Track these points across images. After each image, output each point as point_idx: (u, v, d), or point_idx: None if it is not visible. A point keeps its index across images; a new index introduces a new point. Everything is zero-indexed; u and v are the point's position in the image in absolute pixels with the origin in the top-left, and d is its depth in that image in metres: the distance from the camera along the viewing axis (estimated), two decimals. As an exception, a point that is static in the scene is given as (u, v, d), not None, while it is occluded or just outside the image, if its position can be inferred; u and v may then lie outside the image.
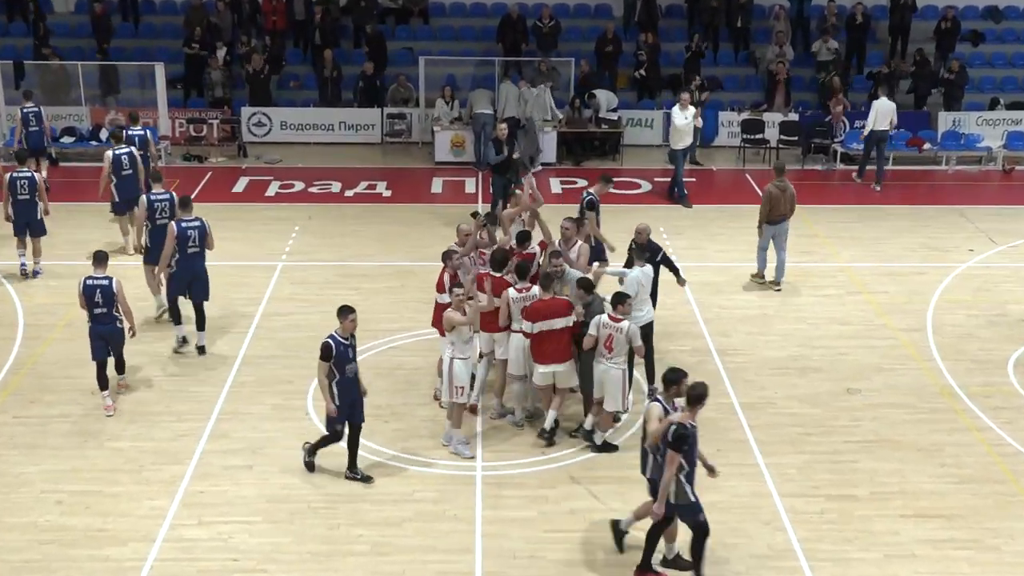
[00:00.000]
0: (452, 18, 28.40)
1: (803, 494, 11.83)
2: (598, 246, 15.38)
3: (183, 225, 14.45)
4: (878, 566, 10.72)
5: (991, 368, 14.80)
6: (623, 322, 12.02)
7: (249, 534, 11.03)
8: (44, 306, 16.27)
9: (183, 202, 14.90)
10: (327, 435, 11.88)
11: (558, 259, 13.11)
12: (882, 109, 22.54)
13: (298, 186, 22.48)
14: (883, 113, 22.54)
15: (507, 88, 23.75)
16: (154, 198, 15.53)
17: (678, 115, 21.29)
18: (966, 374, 14.60)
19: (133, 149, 17.98)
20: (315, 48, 26.22)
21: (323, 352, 11.42)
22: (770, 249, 17.21)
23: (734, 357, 14.90)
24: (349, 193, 22.18)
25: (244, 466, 12.20)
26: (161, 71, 24.47)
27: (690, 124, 21.41)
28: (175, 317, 14.92)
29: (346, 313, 11.48)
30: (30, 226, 17.20)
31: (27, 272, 17.29)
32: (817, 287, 17.42)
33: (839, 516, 11.46)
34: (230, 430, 12.95)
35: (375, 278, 17.48)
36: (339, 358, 11.46)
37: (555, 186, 22.65)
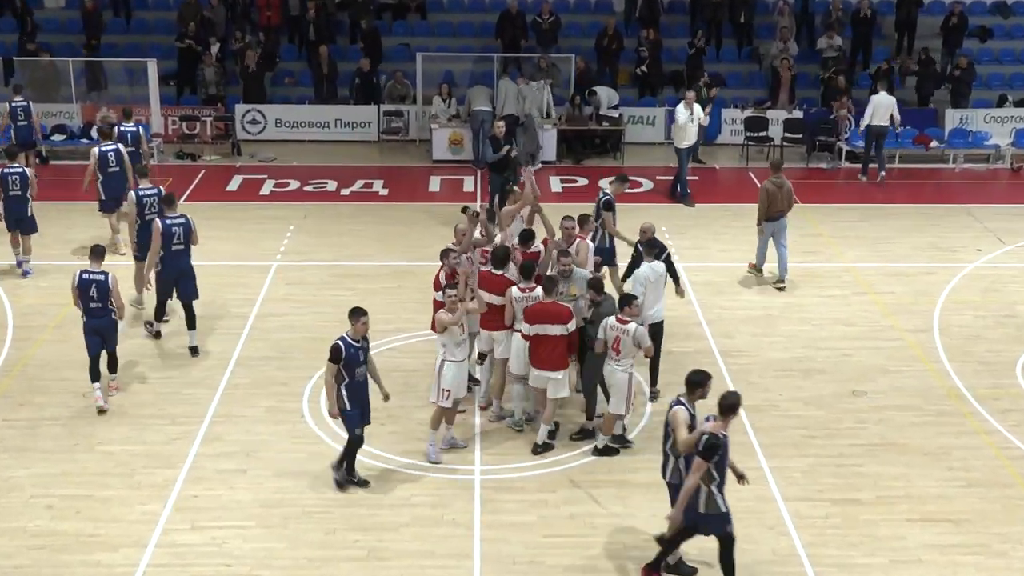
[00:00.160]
0: (450, 13, 28.39)
1: (807, 498, 11.84)
2: (611, 248, 15.40)
3: (168, 222, 14.57)
4: (884, 571, 10.72)
5: (999, 370, 14.80)
6: (630, 324, 11.99)
7: (243, 539, 11.03)
8: (34, 307, 16.26)
9: (167, 199, 15.07)
10: (348, 443, 11.73)
11: (567, 258, 13.11)
12: (880, 104, 22.55)
13: (293, 185, 22.48)
14: (882, 108, 22.54)
15: (506, 85, 23.72)
16: (142, 193, 15.72)
17: (682, 113, 21.29)
18: (974, 376, 14.60)
19: (120, 146, 17.97)
20: (310, 44, 26.22)
21: (332, 354, 11.35)
22: (770, 247, 17.22)
23: (737, 359, 14.90)
24: (345, 192, 22.18)
25: (238, 470, 12.20)
26: (153, 67, 24.49)
27: (694, 122, 21.40)
28: (159, 314, 15.17)
29: (358, 315, 11.41)
30: (21, 223, 17.26)
31: (27, 270, 17.41)
32: (822, 287, 17.42)
33: (844, 521, 11.46)
34: (224, 433, 12.95)
35: (371, 278, 17.48)
36: (349, 361, 11.38)
37: (555, 185, 22.65)
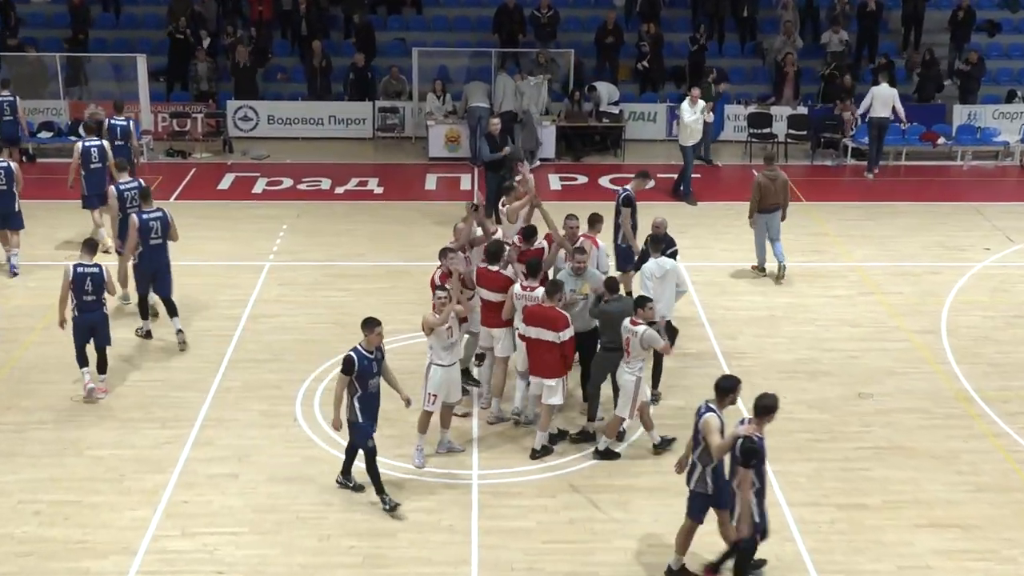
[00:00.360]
0: (446, 8, 28.41)
1: (812, 503, 11.84)
2: (629, 248, 15.42)
3: (144, 216, 14.79)
4: (891, 578, 10.75)
5: (1009, 371, 14.82)
6: (640, 326, 11.98)
7: (235, 546, 11.02)
8: (22, 308, 16.27)
9: (143, 193, 15.32)
10: (367, 459, 11.53)
11: (583, 255, 13.09)
12: (880, 95, 22.57)
13: (286, 183, 22.48)
14: (882, 100, 22.57)
15: (503, 81, 23.72)
16: (123, 187, 15.97)
17: (687, 111, 21.29)
18: (983, 378, 14.61)
19: (104, 142, 18.05)
20: (303, 39, 26.23)
21: (344, 366, 11.25)
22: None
23: (741, 360, 14.90)
24: (339, 190, 22.18)
25: (230, 475, 12.19)
26: (143, 63, 24.48)
27: (699, 120, 21.41)
28: (143, 312, 15.22)
29: (372, 326, 11.30)
30: (8, 219, 17.35)
31: (13, 265, 17.47)
32: (827, 287, 17.43)
33: (850, 526, 11.46)
34: (215, 437, 12.94)
35: (366, 279, 17.48)
36: (362, 373, 11.27)
37: (554, 183, 22.66)
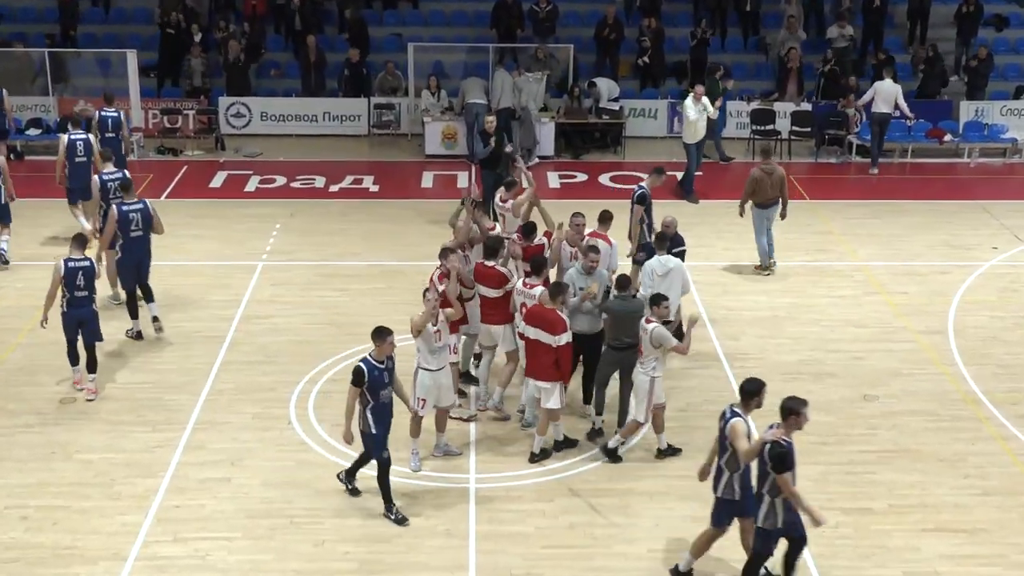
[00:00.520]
0: (443, 2, 28.41)
1: (817, 507, 11.79)
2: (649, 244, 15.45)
3: (124, 208, 14.86)
4: (897, 583, 10.75)
5: (1018, 373, 14.81)
6: (651, 324, 12.00)
7: (228, 551, 11.01)
8: (9, 308, 16.24)
9: (124, 185, 15.40)
10: (380, 470, 11.42)
11: (597, 255, 13.11)
12: (883, 91, 22.58)
13: (279, 181, 22.48)
14: (885, 95, 22.58)
15: (501, 76, 23.71)
16: (106, 178, 16.12)
17: (691, 108, 21.27)
18: (991, 379, 14.61)
19: (91, 136, 18.11)
20: (296, 34, 26.23)
21: (355, 377, 11.15)
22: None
23: (744, 362, 14.89)
24: (334, 188, 22.18)
25: (222, 479, 12.18)
26: (133, 59, 24.46)
27: (703, 117, 21.39)
28: (132, 311, 15.21)
29: (383, 336, 11.20)
30: None
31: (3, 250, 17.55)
32: (832, 287, 17.43)
33: (855, 531, 11.46)
34: (207, 440, 12.93)
35: (361, 278, 17.48)
36: (373, 383, 11.17)
37: (553, 180, 22.66)
